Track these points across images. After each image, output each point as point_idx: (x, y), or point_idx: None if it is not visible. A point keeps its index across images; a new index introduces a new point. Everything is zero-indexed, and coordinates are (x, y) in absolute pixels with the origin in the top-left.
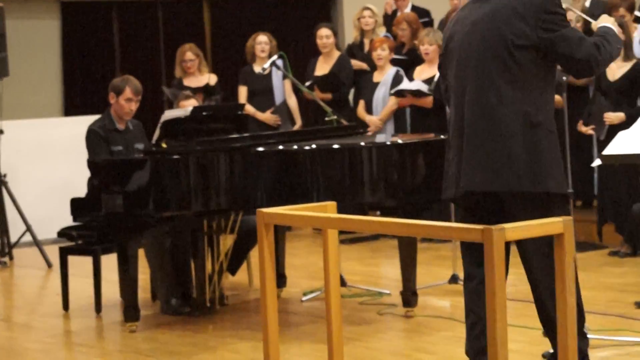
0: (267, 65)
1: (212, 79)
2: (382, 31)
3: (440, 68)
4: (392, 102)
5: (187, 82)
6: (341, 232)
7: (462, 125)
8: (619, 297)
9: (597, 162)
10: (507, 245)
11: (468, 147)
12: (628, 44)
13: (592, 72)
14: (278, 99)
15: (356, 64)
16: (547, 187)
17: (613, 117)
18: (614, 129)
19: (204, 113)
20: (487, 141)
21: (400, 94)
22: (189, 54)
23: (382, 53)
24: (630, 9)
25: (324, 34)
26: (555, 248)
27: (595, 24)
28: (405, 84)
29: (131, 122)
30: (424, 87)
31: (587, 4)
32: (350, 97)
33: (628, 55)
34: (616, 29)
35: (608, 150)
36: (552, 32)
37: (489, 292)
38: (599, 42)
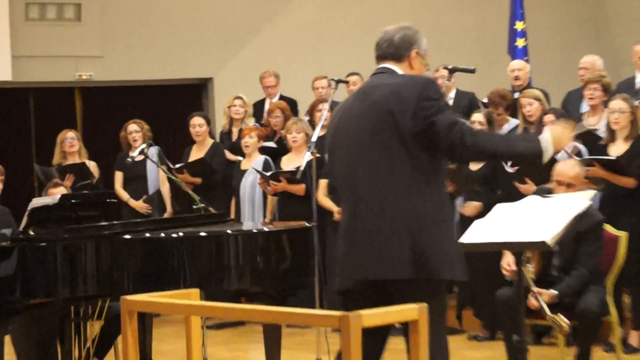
0: (135, 153)
1: (91, 165)
2: (251, 121)
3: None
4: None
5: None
6: (208, 318)
7: (355, 220)
8: None
9: None
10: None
11: (364, 239)
12: None
13: (455, 159)
14: (152, 186)
15: (231, 157)
16: (434, 274)
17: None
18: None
19: (73, 201)
20: (383, 234)
21: (275, 177)
22: (70, 133)
23: (249, 141)
24: (507, 108)
25: (196, 123)
26: (410, 334)
27: None
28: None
29: None
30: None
31: (452, 95)
32: None
33: None
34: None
35: (464, 239)
36: (426, 120)
37: None
38: (487, 138)
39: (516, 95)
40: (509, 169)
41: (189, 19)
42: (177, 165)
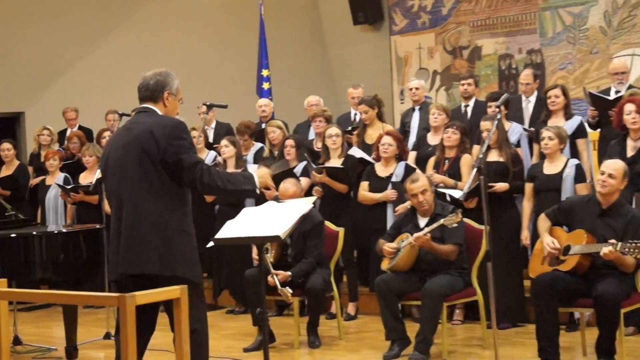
0: None
1: None
2: (56, 146)
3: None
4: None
5: None
6: (20, 302)
7: (120, 226)
8: (233, 345)
9: (211, 244)
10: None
11: (125, 242)
12: (240, 157)
13: (196, 190)
14: None
15: (33, 181)
16: (176, 272)
17: None
18: None
19: None
20: (138, 238)
21: (75, 189)
22: None
23: (53, 163)
24: (251, 135)
25: (5, 147)
26: (174, 309)
27: None
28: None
29: None
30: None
31: (213, 125)
32: None
33: (239, 165)
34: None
35: (219, 235)
36: (175, 157)
37: (123, 343)
38: (221, 175)
39: (263, 125)
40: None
41: (3, 62)
42: None
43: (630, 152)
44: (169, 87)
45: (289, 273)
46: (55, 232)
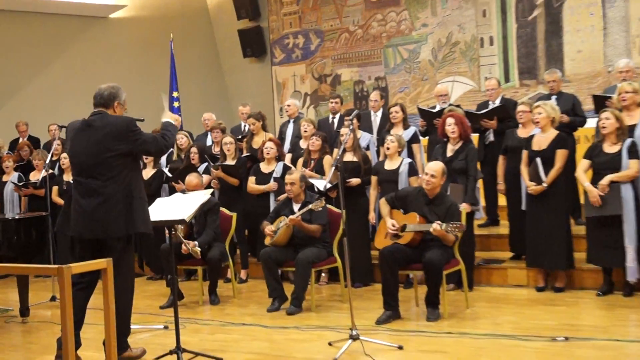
0: None
1: None
2: (5, 151)
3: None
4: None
5: None
6: None
7: (83, 199)
8: (152, 303)
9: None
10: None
11: (83, 211)
12: (156, 160)
13: (164, 153)
14: None
15: None
16: (136, 229)
17: None
18: None
19: None
20: (96, 210)
21: (25, 185)
22: None
23: (8, 164)
24: None
25: None
26: (102, 278)
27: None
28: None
29: None
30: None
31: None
32: None
33: (155, 165)
34: (174, 120)
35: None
36: (136, 141)
37: (62, 303)
38: (163, 134)
39: None
40: (167, 173)
41: None
42: None
43: (449, 154)
44: (119, 98)
45: (196, 242)
46: (10, 218)
